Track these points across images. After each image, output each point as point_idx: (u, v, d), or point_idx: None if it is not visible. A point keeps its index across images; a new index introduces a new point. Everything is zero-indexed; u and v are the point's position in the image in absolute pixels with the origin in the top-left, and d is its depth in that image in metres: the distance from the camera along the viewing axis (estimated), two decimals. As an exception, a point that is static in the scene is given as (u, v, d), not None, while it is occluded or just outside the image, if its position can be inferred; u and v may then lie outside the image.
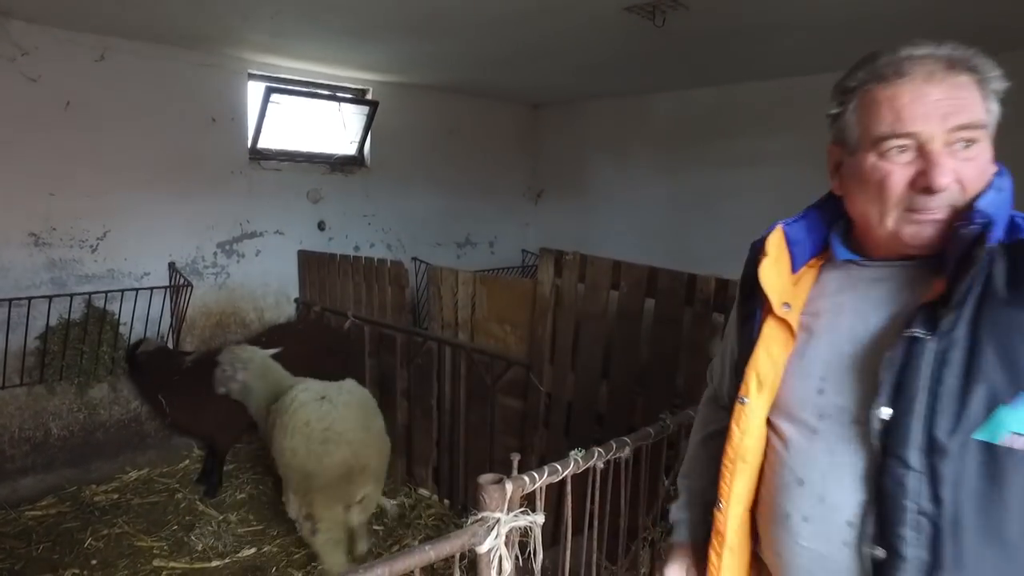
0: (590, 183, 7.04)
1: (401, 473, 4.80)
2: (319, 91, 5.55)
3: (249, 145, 5.26)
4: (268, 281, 5.47)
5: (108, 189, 4.55)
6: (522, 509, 1.71)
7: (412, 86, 6.12)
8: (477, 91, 6.54)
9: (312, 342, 4.76)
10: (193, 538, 3.99)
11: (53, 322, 4.35)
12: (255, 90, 5.21)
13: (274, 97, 5.18)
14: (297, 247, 5.57)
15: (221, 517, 4.28)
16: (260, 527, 4.19)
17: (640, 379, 3.27)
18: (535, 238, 7.40)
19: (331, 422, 3.31)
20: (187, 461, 5.00)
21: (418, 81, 5.98)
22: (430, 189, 6.45)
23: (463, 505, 4.39)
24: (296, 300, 5.58)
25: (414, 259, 6.29)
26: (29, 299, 4.16)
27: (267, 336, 4.81)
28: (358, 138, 5.91)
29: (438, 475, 4.57)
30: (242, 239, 5.27)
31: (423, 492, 4.62)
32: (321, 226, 5.75)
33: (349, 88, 5.82)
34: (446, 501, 4.50)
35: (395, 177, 6.18)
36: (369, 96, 5.89)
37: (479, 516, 1.64)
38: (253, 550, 3.91)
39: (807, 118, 5.79)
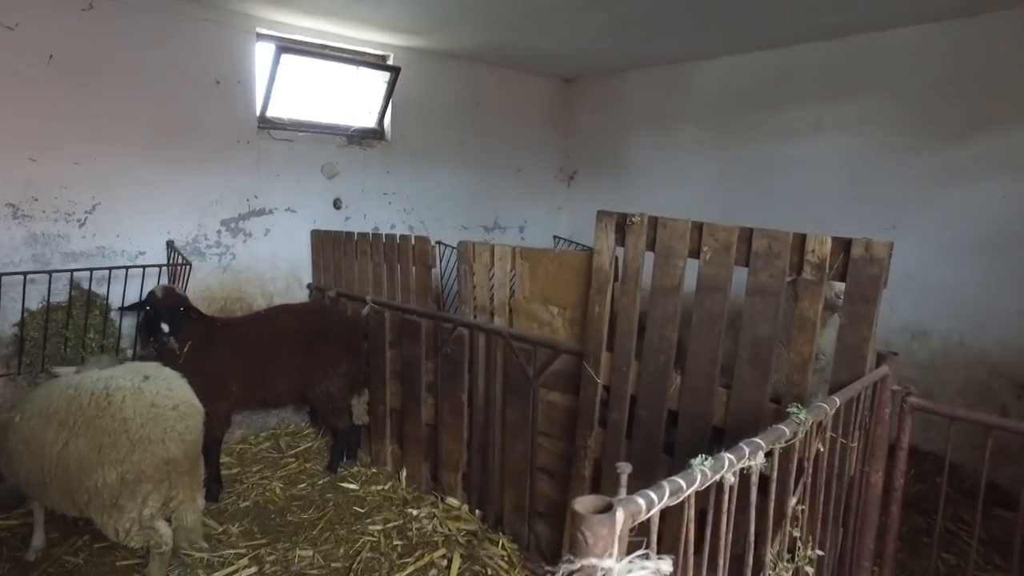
0: (628, 163, 6.38)
1: (427, 479, 4.18)
2: (335, 54, 4.96)
3: (258, 113, 4.68)
4: (278, 264, 4.88)
5: (98, 156, 3.99)
6: (641, 553, 1.07)
7: (435, 52, 5.52)
8: (505, 61, 5.92)
9: (308, 325, 4.16)
10: (183, 554, 3.38)
11: (34, 305, 3.79)
12: (264, 53, 4.64)
13: (285, 59, 4.60)
14: (311, 227, 4.98)
15: (220, 529, 3.68)
16: (264, 541, 3.58)
17: (726, 368, 2.61)
18: (568, 223, 6.75)
19: (178, 398, 2.88)
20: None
21: (442, 47, 5.37)
22: (455, 167, 5.84)
23: (497, 517, 3.76)
24: (309, 286, 4.98)
25: (438, 243, 5.67)
26: None
27: (262, 315, 4.26)
28: (378, 108, 5.32)
29: (468, 482, 3.93)
30: (249, 216, 4.69)
31: (452, 502, 3.98)
32: (337, 204, 5.16)
33: (369, 53, 5.23)
34: (478, 512, 3.86)
35: (418, 152, 5.57)
36: (390, 62, 5.29)
37: (579, 566, 1.00)
38: (254, 569, 3.30)
39: (877, 79, 5.04)
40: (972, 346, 4.47)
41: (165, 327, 3.62)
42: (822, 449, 1.90)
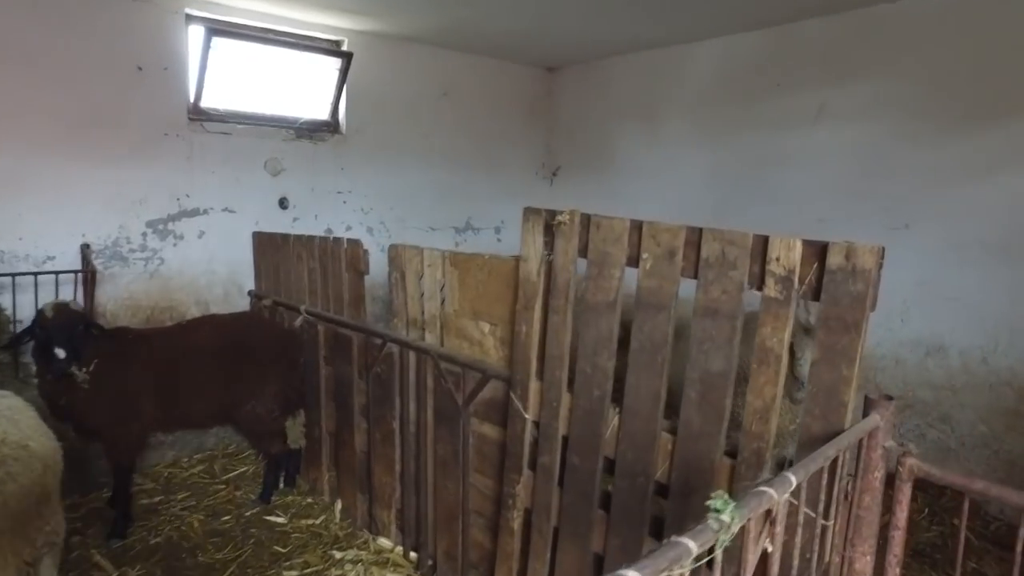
0: (615, 158, 5.74)
1: (363, 514, 3.61)
2: (278, 38, 4.42)
3: (190, 103, 4.16)
4: (215, 269, 4.36)
5: (-3, 149, 3.50)
6: None
7: (395, 37, 4.95)
8: (476, 47, 5.33)
9: (233, 338, 3.62)
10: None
11: (-84, 317, 3.32)
12: (197, 37, 4.11)
13: (217, 43, 4.07)
14: (253, 229, 4.44)
15: (117, 573, 3.15)
16: (162, 590, 3.05)
17: (672, 405, 1.99)
18: (550, 223, 6.13)
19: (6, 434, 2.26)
20: (106, 490, 3.89)
21: (402, 31, 4.80)
22: (420, 162, 5.26)
23: (433, 562, 3.17)
24: (250, 292, 4.45)
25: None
26: None
27: (182, 327, 3.73)
28: (331, 99, 4.77)
29: (403, 520, 3.35)
30: (180, 217, 4.18)
31: (384, 543, 3.41)
32: (283, 203, 4.62)
33: (320, 39, 4.68)
34: (413, 555, 3.28)
35: (376, 146, 5.01)
36: (344, 48, 4.74)
37: None
38: (135, 629, 2.77)
39: (886, 58, 4.17)
40: (997, 364, 3.76)
41: (60, 352, 3.08)
42: (770, 548, 1.28)
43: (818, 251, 1.60)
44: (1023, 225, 3.61)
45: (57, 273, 3.60)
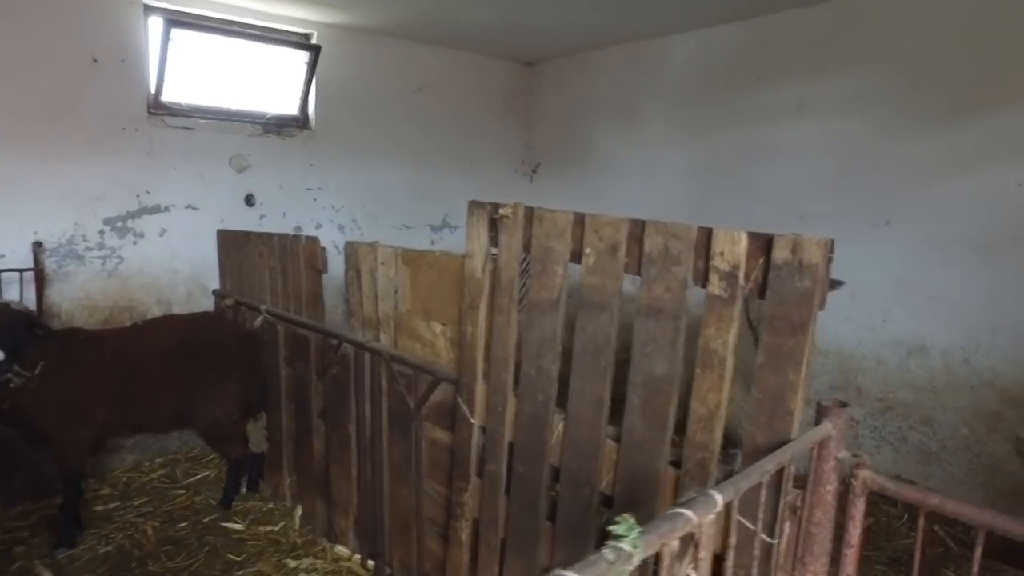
0: (596, 154, 5.59)
1: (322, 520, 3.46)
2: (242, 31, 4.26)
3: (151, 96, 4.01)
4: (178, 268, 4.21)
5: (-60, 144, 3.35)
6: None
7: (366, 30, 4.80)
8: (451, 40, 5.17)
9: (191, 339, 3.47)
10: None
11: None
12: (158, 28, 3.95)
13: (177, 35, 3.92)
14: (218, 226, 4.29)
15: (59, 584, 3.01)
16: (104, 602, 2.90)
17: (618, 410, 1.84)
18: (530, 221, 5.97)
19: None
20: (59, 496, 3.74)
21: (373, 23, 4.65)
22: (393, 159, 5.11)
23: (390, 571, 3.02)
24: (215, 292, 4.29)
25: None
26: None
27: (138, 327, 3.58)
28: (299, 93, 4.61)
29: (361, 528, 3.20)
30: (140, 214, 4.02)
31: (341, 551, 3.26)
32: (250, 201, 4.47)
33: (287, 31, 4.52)
34: (371, 563, 3.13)
35: (348, 142, 4.86)
36: (314, 41, 4.58)
37: None
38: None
39: (867, 49, 3.97)
40: (979, 365, 3.61)
41: None
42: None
43: (764, 245, 1.45)
44: (1003, 222, 3.46)
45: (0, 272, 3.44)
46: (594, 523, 1.89)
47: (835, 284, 2.94)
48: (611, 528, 0.97)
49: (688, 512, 1.05)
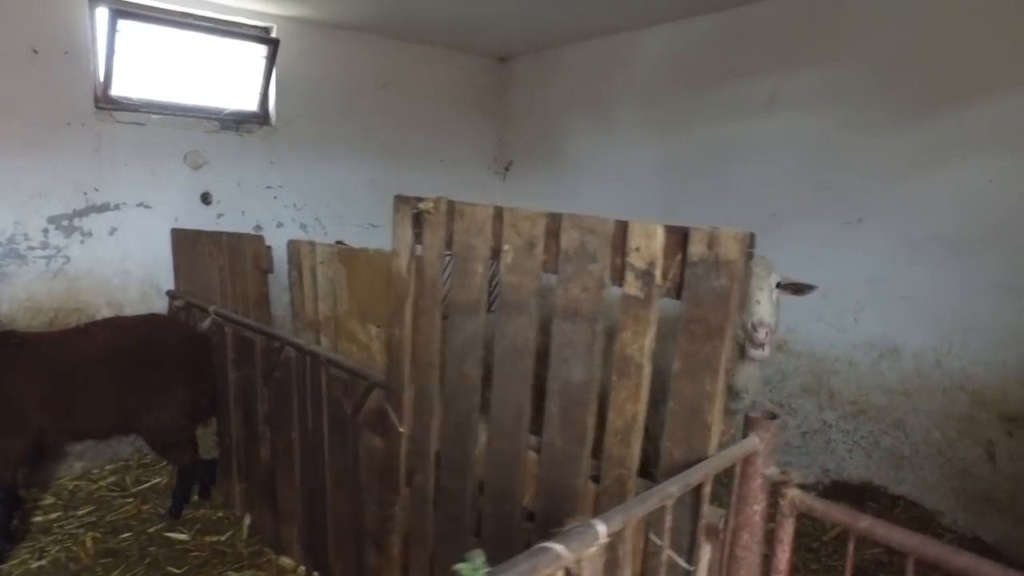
0: (568, 151, 5.44)
1: (270, 532, 3.29)
2: (194, 23, 4.09)
3: (99, 90, 3.84)
4: (129, 268, 4.04)
5: None
6: None
7: (328, 24, 4.63)
8: (419, 35, 5.02)
9: (134, 342, 3.30)
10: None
11: None
12: (105, 18, 3.79)
13: (124, 26, 3.75)
14: (172, 225, 4.12)
15: (-18, 601, 2.84)
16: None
17: (537, 421, 1.68)
18: (503, 220, 5.82)
19: None
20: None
21: (334, 17, 4.48)
22: (358, 156, 4.94)
23: (335, 586, 2.86)
24: (169, 293, 4.13)
25: (339, 243, 4.79)
26: None
27: (79, 330, 3.41)
28: (259, 88, 4.45)
29: (305, 539, 3.04)
30: (88, 213, 3.85)
31: (286, 562, 3.10)
32: (206, 199, 4.30)
33: (246, 24, 4.35)
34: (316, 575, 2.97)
35: (310, 139, 4.69)
36: (273, 35, 4.42)
37: None
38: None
39: (838, 41, 3.79)
40: (951, 367, 3.46)
41: None
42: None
43: (682, 239, 1.30)
44: (975, 220, 3.31)
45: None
46: (519, 541, 1.73)
47: (807, 288, 2.80)
48: (456, 567, 0.82)
49: (558, 547, 0.89)
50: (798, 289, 2.68)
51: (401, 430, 2.11)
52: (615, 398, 1.41)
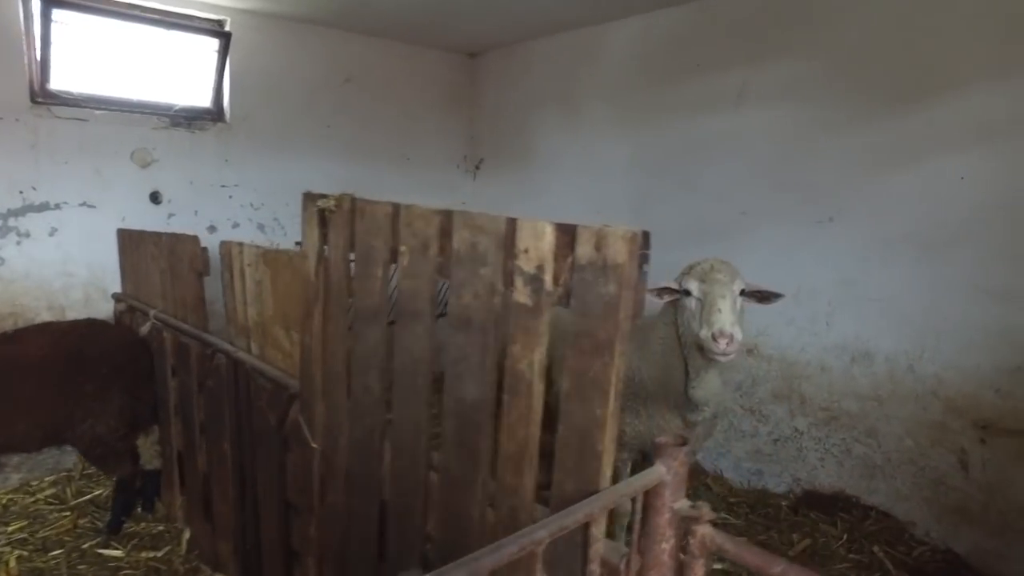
0: (539, 150, 5.26)
1: (207, 549, 3.11)
2: (138, 14, 3.90)
3: (35, 84, 3.65)
4: (72, 270, 3.86)
5: None
6: None
7: (286, 18, 4.46)
8: (386, 31, 4.84)
9: (66, 349, 3.12)
10: None
11: None
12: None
13: (59, 16, 3.56)
14: (119, 226, 3.94)
15: None
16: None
17: (437, 436, 1.51)
18: (474, 220, 5.64)
19: None
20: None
21: (291, 10, 4.31)
22: (319, 154, 4.76)
23: (270, 607, 2.68)
24: (115, 296, 3.94)
25: (298, 244, 4.60)
26: None
27: (4, 337, 3.22)
28: (212, 84, 4.26)
29: (240, 555, 2.86)
30: (25, 212, 3.67)
31: (219, 581, 2.92)
32: (156, 198, 4.12)
33: (197, 17, 4.17)
34: (251, 596, 2.79)
35: (267, 136, 4.51)
36: (227, 28, 4.23)
37: None
38: None
39: (808, 33, 3.59)
40: (923, 372, 3.30)
41: None
42: None
43: (571, 239, 1.13)
44: (946, 219, 3.15)
45: None
46: (417, 565, 1.56)
47: (773, 296, 2.61)
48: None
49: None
50: (763, 297, 2.50)
51: (314, 446, 1.94)
52: (506, 420, 1.24)
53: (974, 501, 3.15)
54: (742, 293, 2.39)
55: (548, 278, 1.15)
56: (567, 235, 1.13)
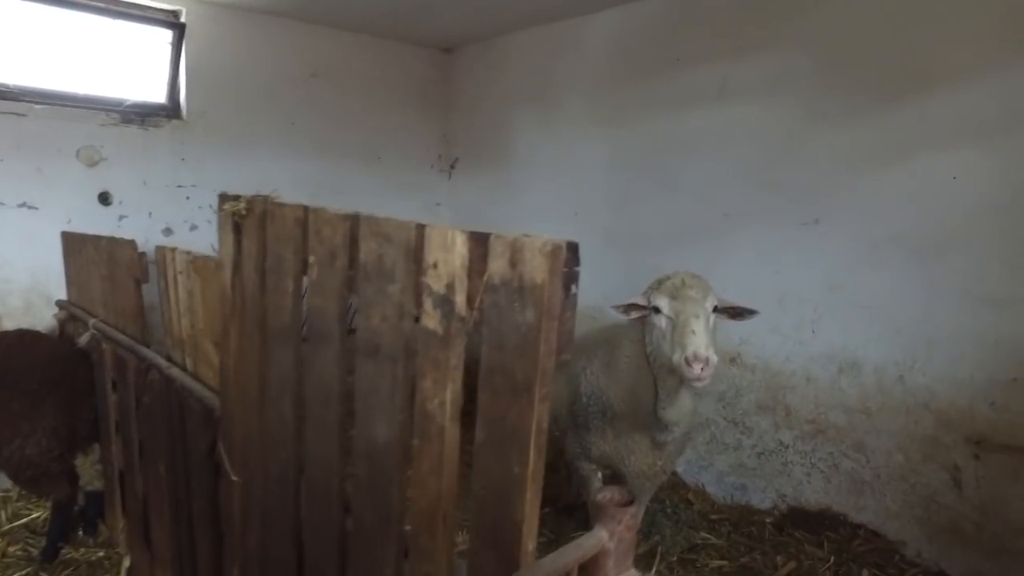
0: (516, 148, 5.05)
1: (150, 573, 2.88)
2: (84, 2, 3.65)
3: (-29, 78, 3.41)
4: (10, 276, 3.61)
5: None
6: None
7: (249, 10, 4.22)
8: (354, 24, 4.61)
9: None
10: None
11: None
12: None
13: (-4, 4, 3.32)
14: (64, 228, 3.68)
15: None
16: None
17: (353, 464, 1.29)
18: (451, 222, 5.41)
19: None
20: None
21: (255, 2, 4.06)
22: (284, 152, 4.53)
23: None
24: (59, 303, 3.69)
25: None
26: None
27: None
28: (167, 78, 4.02)
29: (179, 588, 2.63)
30: (-43, 214, 3.42)
31: (156, 615, 2.69)
32: (105, 199, 3.87)
33: (151, 7, 3.92)
34: (191, 632, 2.56)
35: (227, 134, 4.27)
36: (183, 19, 3.99)
37: None
38: None
39: (793, 25, 3.39)
40: (914, 383, 3.11)
41: None
42: None
43: (486, 252, 0.91)
44: (938, 220, 2.96)
45: None
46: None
47: (746, 313, 2.41)
48: None
49: None
50: (736, 313, 2.34)
51: (234, 478, 1.72)
52: (417, 470, 1.03)
53: (967, 520, 2.97)
54: (715, 310, 2.22)
55: (460, 300, 0.93)
56: (481, 246, 0.91)
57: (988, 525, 2.90)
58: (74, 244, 3.56)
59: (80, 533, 3.29)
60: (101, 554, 3.16)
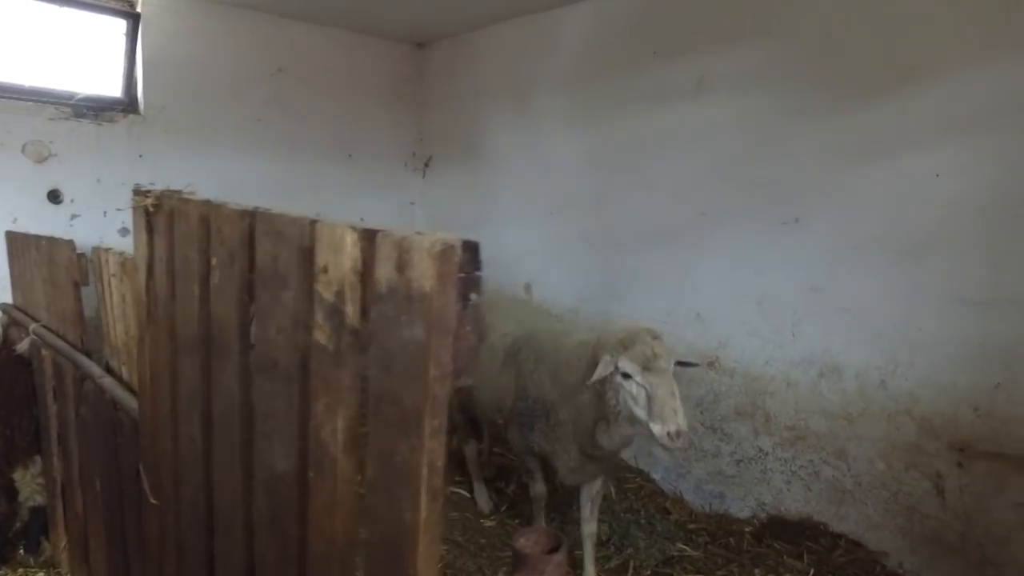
0: (491, 146, 4.92)
1: (89, 597, 2.71)
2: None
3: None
4: (-50, 278, 3.42)
5: None
6: None
7: (213, 0, 4.05)
8: (324, 17, 4.47)
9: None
10: None
11: None
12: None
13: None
14: (8, 227, 3.51)
15: None
16: None
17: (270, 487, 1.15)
18: (425, 222, 5.28)
19: None
20: None
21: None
22: (248, 150, 4.37)
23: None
24: (2, 307, 3.51)
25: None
26: None
27: None
28: (122, 71, 3.85)
29: (118, 612, 2.47)
30: None
31: (94, 641, 2.52)
32: (55, 197, 3.70)
33: (104, -4, 3.76)
34: (131, 659, 2.40)
35: (187, 130, 4.11)
36: (139, 8, 3.82)
37: None
38: None
39: (771, 17, 3.28)
40: (896, 389, 3.01)
41: None
42: None
43: (372, 251, 0.77)
44: (921, 219, 2.86)
45: None
46: None
47: (690, 365, 2.45)
48: None
49: None
50: (683, 364, 2.44)
51: (153, 501, 1.57)
52: (312, 505, 0.89)
53: (951, 530, 2.87)
54: (677, 363, 2.32)
55: (350, 310, 0.80)
56: (373, 246, 0.78)
57: (971, 535, 2.81)
58: (18, 245, 3.39)
59: (21, 551, 3.12)
60: (41, 574, 2.99)
